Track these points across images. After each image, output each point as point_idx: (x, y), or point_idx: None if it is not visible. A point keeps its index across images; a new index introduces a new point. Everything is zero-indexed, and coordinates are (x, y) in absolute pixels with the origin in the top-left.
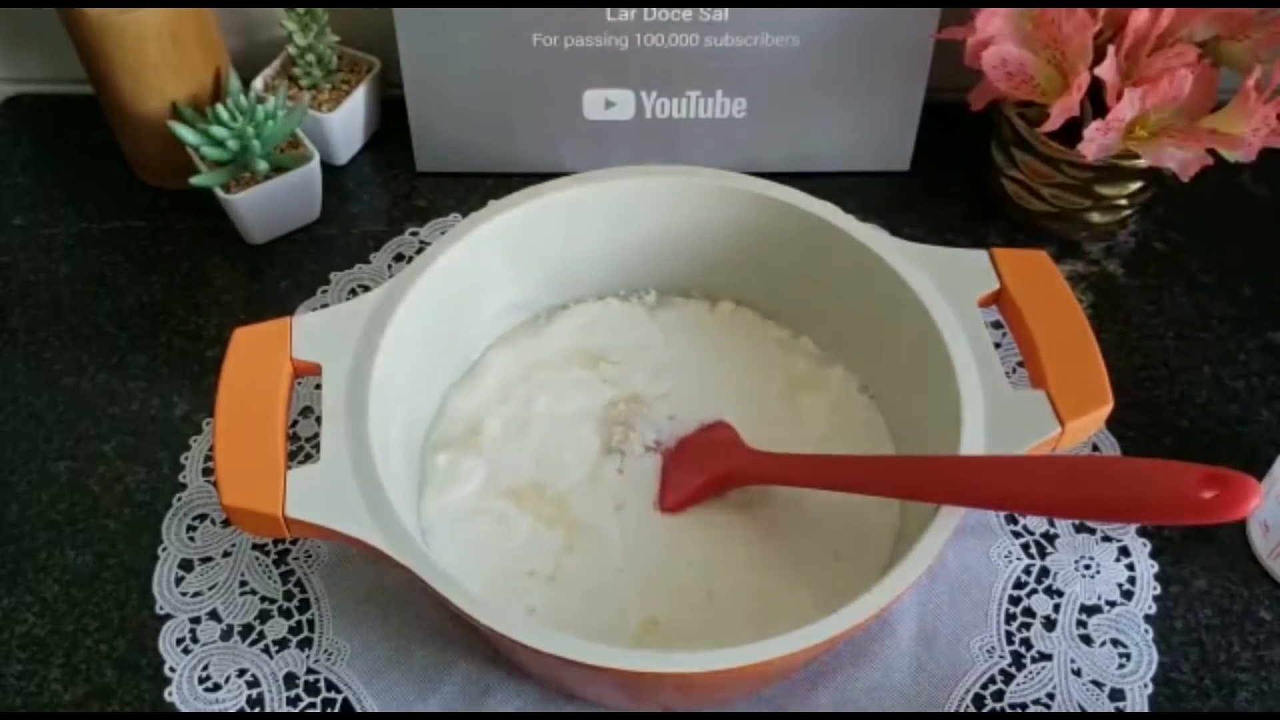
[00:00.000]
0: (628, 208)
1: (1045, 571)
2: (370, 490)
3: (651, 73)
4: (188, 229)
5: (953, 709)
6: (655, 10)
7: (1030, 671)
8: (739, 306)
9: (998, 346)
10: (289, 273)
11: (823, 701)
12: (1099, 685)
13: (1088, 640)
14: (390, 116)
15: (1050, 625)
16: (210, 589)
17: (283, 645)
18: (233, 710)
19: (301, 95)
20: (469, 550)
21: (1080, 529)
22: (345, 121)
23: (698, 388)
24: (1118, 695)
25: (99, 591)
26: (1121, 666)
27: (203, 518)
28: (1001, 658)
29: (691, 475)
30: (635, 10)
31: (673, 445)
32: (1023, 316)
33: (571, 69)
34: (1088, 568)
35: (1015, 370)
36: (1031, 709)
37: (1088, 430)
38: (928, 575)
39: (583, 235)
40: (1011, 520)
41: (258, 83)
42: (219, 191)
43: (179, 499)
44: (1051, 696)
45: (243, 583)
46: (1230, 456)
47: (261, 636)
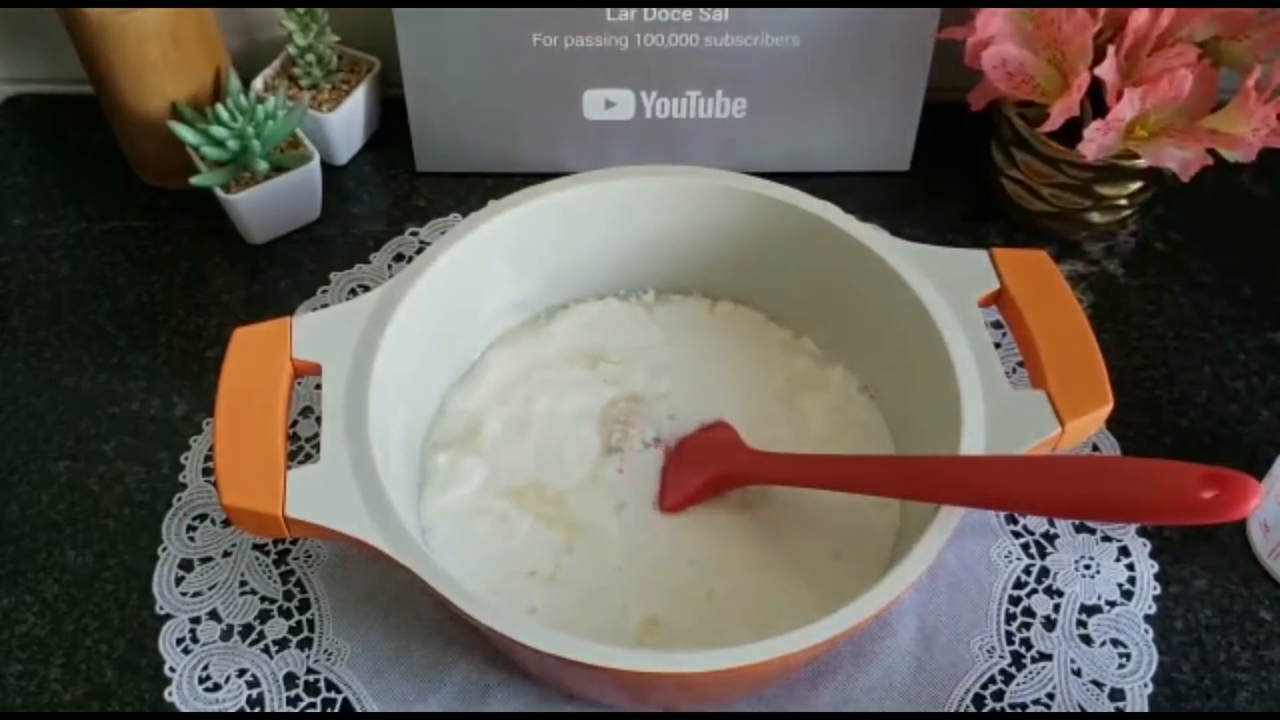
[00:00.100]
0: (628, 208)
1: (1045, 571)
2: (370, 490)
3: (651, 73)
4: (188, 229)
5: (953, 709)
6: (655, 10)
7: (1030, 671)
8: (739, 306)
9: (998, 346)
10: (289, 273)
11: (823, 701)
12: (1099, 685)
13: (1088, 640)
14: (390, 116)
15: (1050, 625)
16: (210, 589)
17: (283, 645)
18: (233, 710)
19: (301, 95)
20: (469, 550)
21: (1080, 529)
22: (345, 121)
23: (697, 387)
24: (1118, 695)
25: (99, 591)
26: (1121, 666)
27: (203, 518)
28: (1001, 658)
29: (691, 475)
30: (635, 10)
31: (672, 444)
32: (1023, 316)
33: (571, 69)
34: (1088, 568)
35: (1015, 370)
36: (1031, 709)
37: (1088, 430)
38: (928, 575)
39: (583, 235)
40: (1011, 520)
41: (258, 83)
42: (219, 191)
43: (179, 499)
44: (1051, 696)
45: (243, 583)
46: (1230, 456)
47: (261, 636)
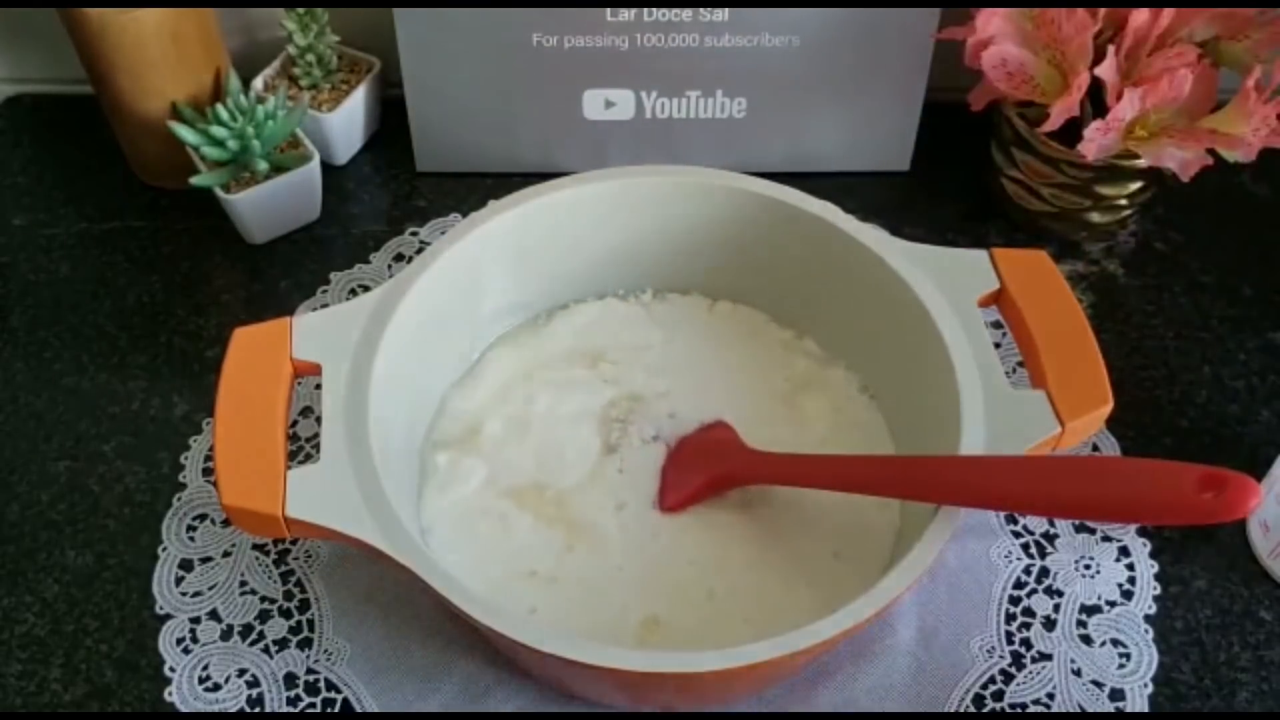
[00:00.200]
0: (628, 208)
1: (1045, 571)
2: (370, 490)
3: (651, 73)
4: (188, 229)
5: (953, 709)
6: (655, 10)
7: (1030, 671)
8: (739, 306)
9: (998, 346)
10: (289, 273)
11: (823, 701)
12: (1099, 685)
13: (1088, 640)
14: (390, 116)
15: (1050, 625)
16: (210, 589)
17: (283, 645)
18: (233, 710)
19: (301, 95)
20: (469, 550)
21: (1080, 529)
22: (345, 121)
23: (697, 387)
24: (1118, 695)
25: (99, 591)
26: (1121, 666)
27: (203, 518)
28: (1001, 658)
29: (691, 475)
30: (635, 10)
31: (672, 442)
32: (1023, 316)
33: (571, 69)
34: (1088, 568)
35: (1015, 370)
36: (1031, 709)
37: (1088, 430)
38: (928, 575)
39: (583, 235)
40: (1011, 520)
41: (258, 83)
42: (219, 191)
43: (179, 499)
44: (1051, 696)
45: (243, 583)
46: (1230, 456)
47: (261, 636)
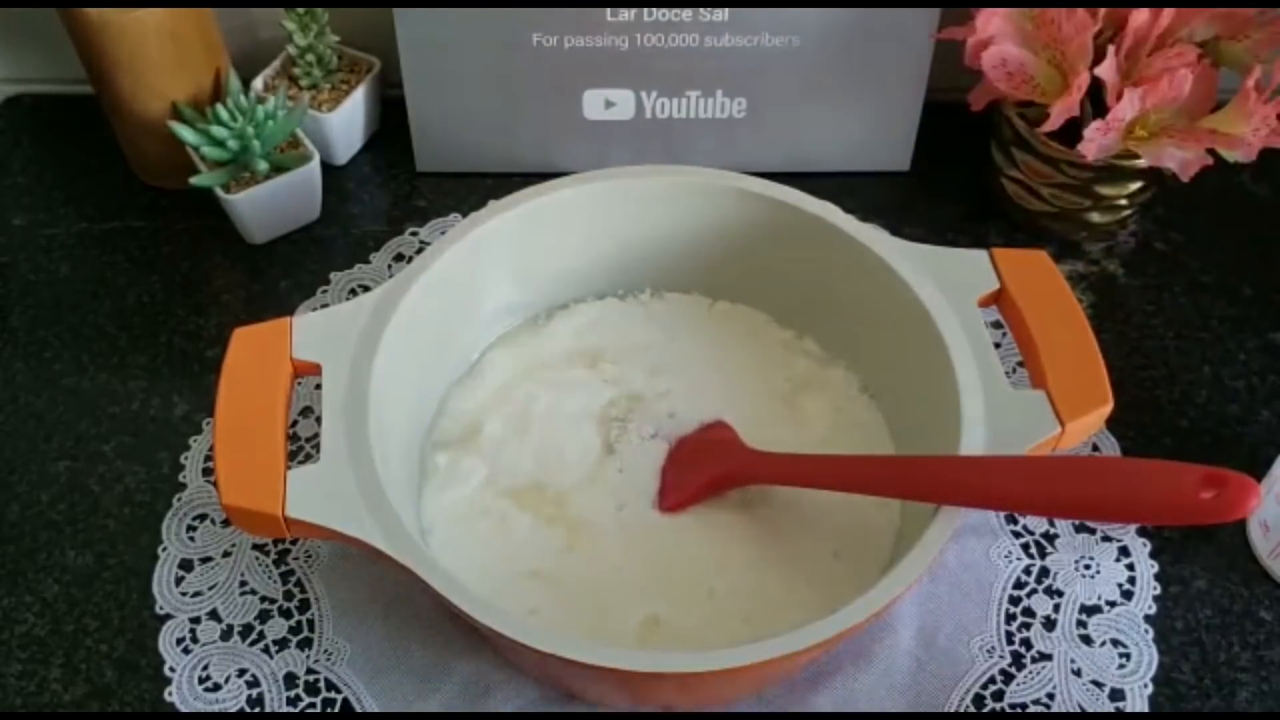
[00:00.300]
0: (628, 208)
1: (1045, 571)
2: (370, 490)
3: (651, 73)
4: (188, 229)
5: (953, 709)
6: (655, 10)
7: (1030, 671)
8: (739, 306)
9: (998, 346)
10: (289, 273)
11: (823, 701)
12: (1099, 685)
13: (1088, 640)
14: (390, 116)
15: (1050, 625)
16: (210, 589)
17: (283, 645)
18: (233, 710)
19: (301, 95)
20: (469, 550)
21: (1080, 529)
22: (345, 121)
23: (697, 387)
24: (1118, 695)
25: (99, 591)
26: (1121, 666)
27: (203, 518)
28: (1001, 658)
29: (691, 475)
30: (635, 10)
31: (672, 442)
32: (1023, 316)
33: (571, 69)
34: (1088, 568)
35: (1015, 370)
36: (1031, 709)
37: (1088, 430)
38: (928, 575)
39: (583, 235)
40: (1011, 520)
41: (258, 83)
42: (219, 191)
43: (179, 499)
44: (1051, 696)
45: (243, 583)
46: (1230, 456)
47: (261, 636)
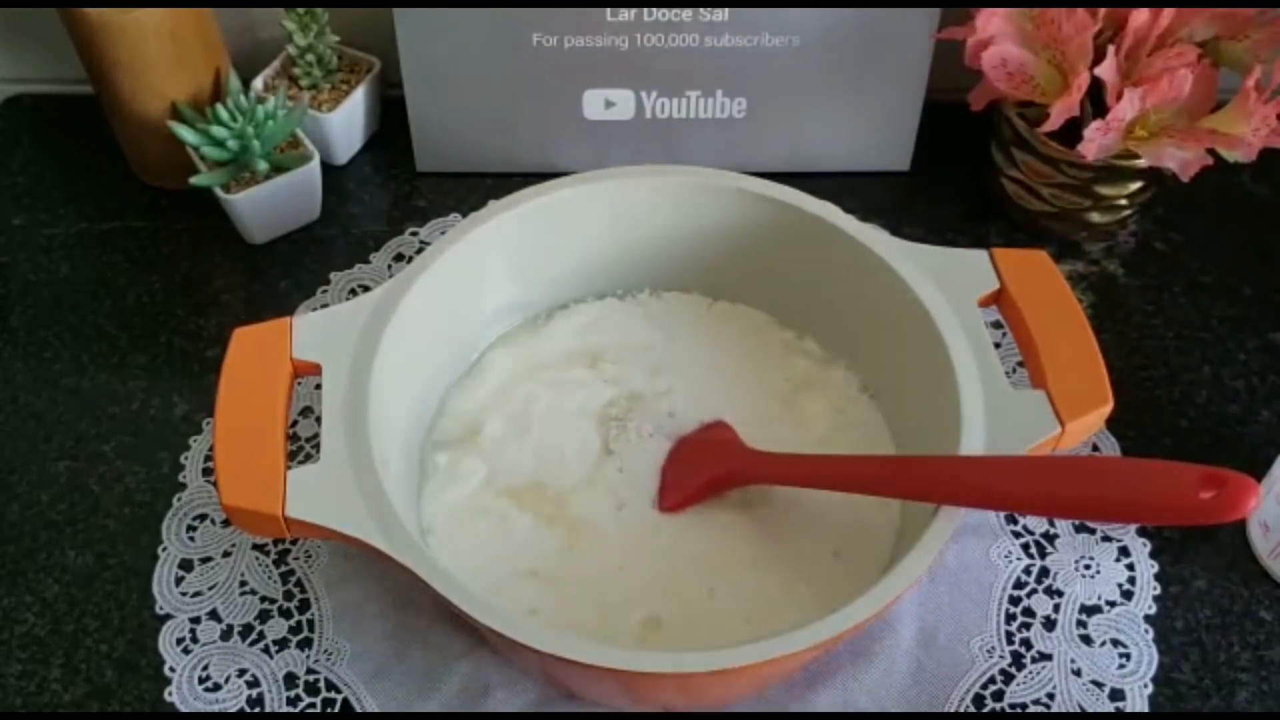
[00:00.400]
0: (628, 208)
1: (1045, 571)
2: (370, 490)
3: (651, 73)
4: (188, 229)
5: (953, 709)
6: (655, 10)
7: (1030, 671)
8: (738, 306)
9: (998, 346)
10: (289, 273)
11: (823, 701)
12: (1099, 685)
13: (1088, 640)
14: (390, 116)
15: (1050, 625)
16: (210, 589)
17: (283, 645)
18: (233, 710)
19: (301, 95)
20: (469, 550)
21: (1080, 529)
22: (345, 121)
23: (698, 387)
24: (1118, 695)
25: (99, 591)
26: (1121, 666)
27: (203, 518)
28: (1001, 658)
29: (691, 475)
30: (635, 10)
31: (672, 442)
32: (1023, 316)
33: (571, 69)
34: (1088, 568)
35: (1015, 370)
36: (1031, 709)
37: (1088, 430)
38: (928, 575)
39: (583, 235)
40: (1011, 520)
41: (258, 83)
42: (219, 191)
43: (179, 499)
44: (1051, 696)
45: (243, 583)
46: (1230, 456)
47: (261, 636)
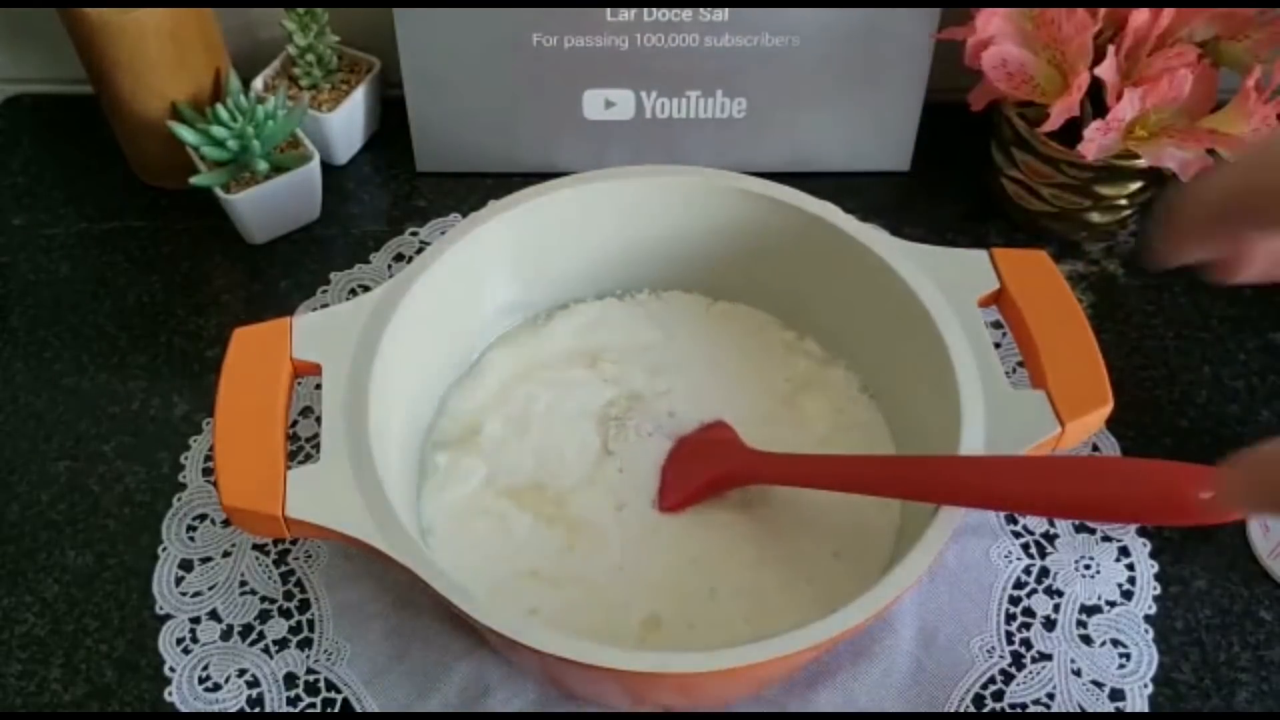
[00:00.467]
0: (627, 208)
1: (1045, 571)
2: (370, 490)
3: (651, 73)
4: (188, 229)
5: (953, 709)
6: (655, 10)
7: (1030, 671)
8: (738, 306)
9: (998, 346)
10: (289, 273)
11: (823, 701)
12: (1099, 685)
13: (1088, 640)
14: (390, 116)
15: (1050, 625)
16: (210, 589)
17: (283, 645)
18: (233, 710)
19: (301, 95)
20: (469, 550)
21: (1080, 529)
22: (345, 121)
23: (698, 387)
24: (1118, 695)
25: (99, 591)
26: (1121, 666)
27: (203, 518)
28: (1001, 658)
29: (691, 475)
30: (635, 10)
31: (672, 442)
32: (1023, 316)
33: (571, 69)
34: (1088, 568)
35: (1015, 370)
36: (1031, 709)
37: (1088, 430)
38: (928, 575)
39: (582, 235)
40: (1011, 520)
41: (258, 83)
42: (219, 191)
43: (179, 499)
44: (1051, 696)
45: (243, 583)
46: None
47: (261, 636)
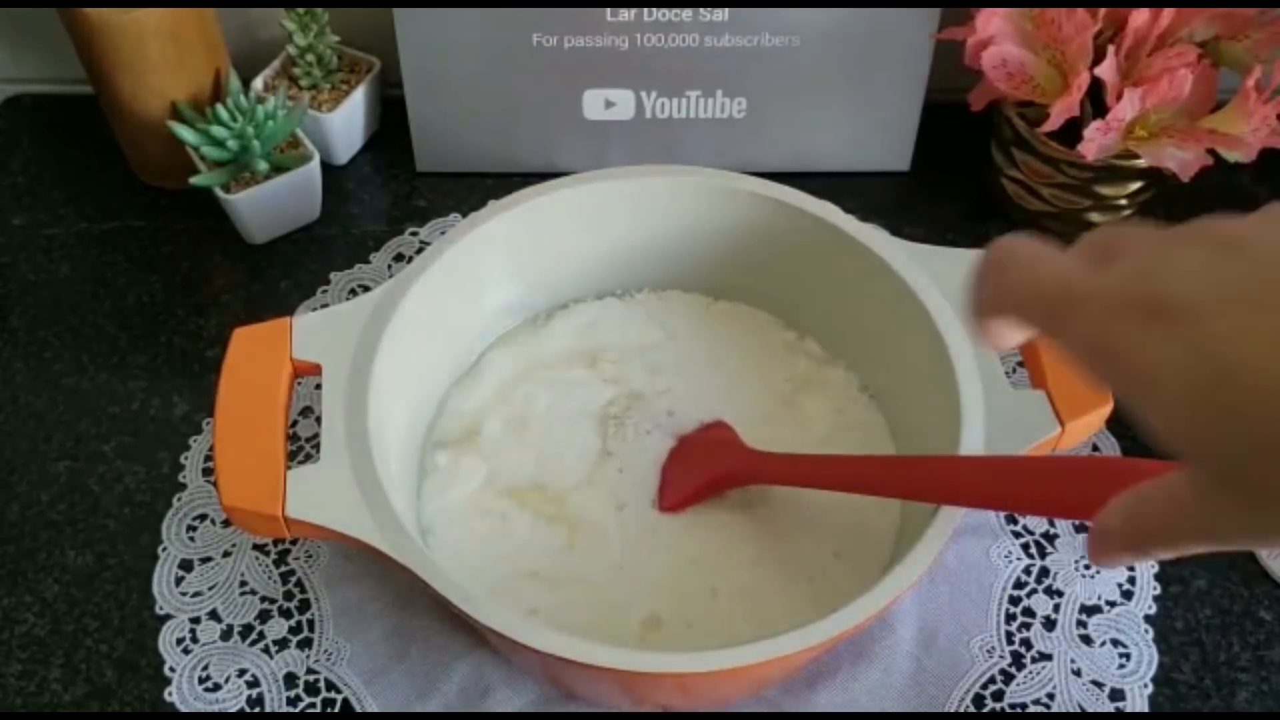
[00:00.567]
0: (628, 208)
1: (1045, 571)
2: (370, 490)
3: (651, 73)
4: (188, 229)
5: (953, 709)
6: (655, 10)
7: (1030, 671)
8: (739, 306)
9: None
10: (289, 273)
11: (823, 701)
12: (1099, 685)
13: (1088, 640)
14: (390, 116)
15: (1050, 625)
16: (210, 589)
17: (283, 645)
18: (233, 710)
19: (301, 95)
20: (469, 550)
21: (1080, 529)
22: (345, 121)
23: (698, 387)
24: (1118, 695)
25: (99, 591)
26: (1121, 666)
27: (203, 518)
28: (1001, 658)
29: (691, 475)
30: (635, 10)
31: (672, 441)
32: None
33: (571, 69)
34: (1088, 568)
35: (1015, 370)
36: (1031, 709)
37: (1088, 430)
38: (928, 575)
39: (583, 235)
40: (1011, 520)
41: (258, 83)
42: (219, 191)
43: (179, 499)
44: (1051, 696)
45: (243, 583)
46: None
47: (261, 636)
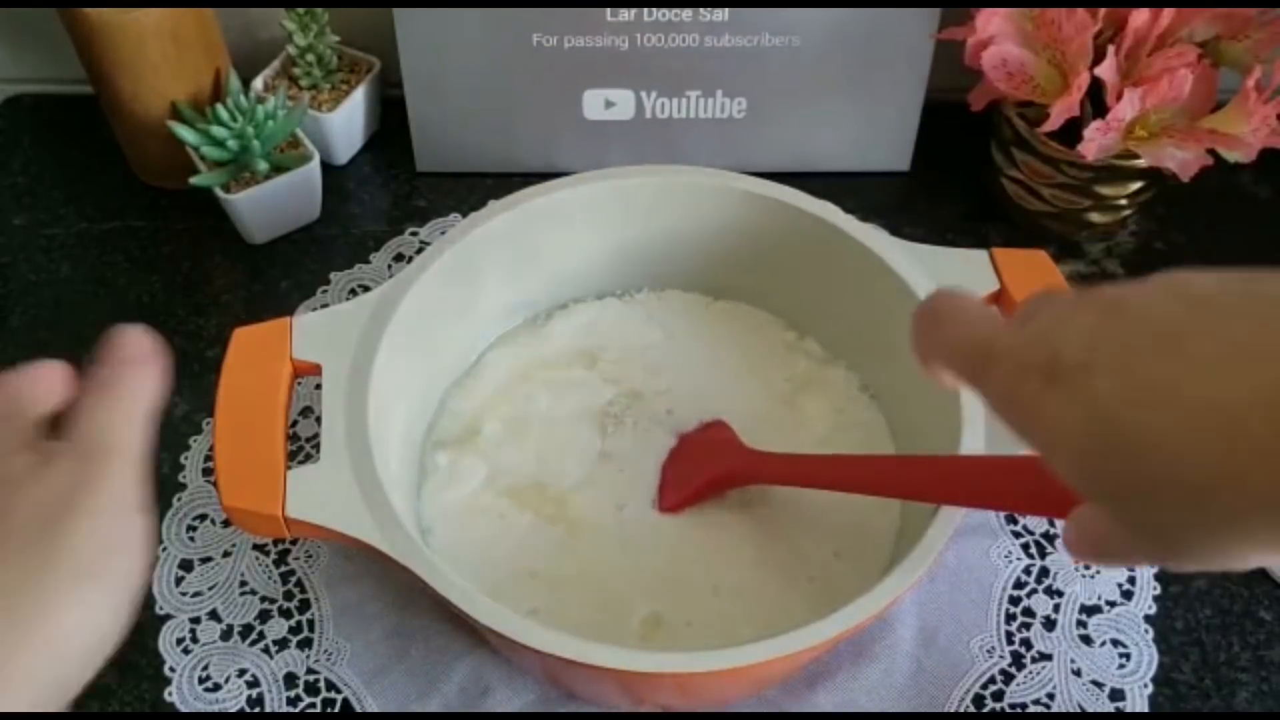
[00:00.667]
0: (628, 208)
1: (1045, 571)
2: (370, 490)
3: (651, 73)
4: (188, 229)
5: (953, 709)
6: (655, 10)
7: (1030, 671)
8: (738, 306)
9: None
10: (289, 273)
11: (823, 701)
12: (1099, 685)
13: (1088, 640)
14: (390, 116)
15: (1050, 625)
16: (210, 589)
17: (283, 645)
18: (233, 710)
19: (301, 95)
20: (469, 550)
21: None
22: (345, 121)
23: (697, 387)
24: (1118, 695)
25: None
26: (1121, 666)
27: (203, 518)
28: (1001, 658)
29: (691, 475)
30: (635, 10)
31: (672, 441)
32: None
33: (571, 69)
34: (1088, 568)
35: None
36: (1031, 709)
37: None
38: (928, 575)
39: (583, 235)
40: (1011, 520)
41: (258, 83)
42: (219, 191)
43: (179, 499)
44: (1051, 696)
45: (243, 583)
46: None
47: (261, 636)
